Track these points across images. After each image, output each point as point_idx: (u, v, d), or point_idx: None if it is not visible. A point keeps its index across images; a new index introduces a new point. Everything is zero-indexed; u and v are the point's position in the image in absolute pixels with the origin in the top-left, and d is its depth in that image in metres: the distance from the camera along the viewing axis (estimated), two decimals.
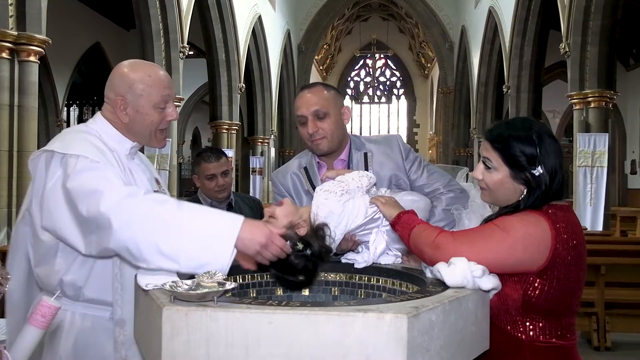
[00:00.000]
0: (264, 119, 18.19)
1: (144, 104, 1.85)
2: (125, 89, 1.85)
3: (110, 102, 1.89)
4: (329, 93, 2.20)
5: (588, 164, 9.63)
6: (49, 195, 1.69)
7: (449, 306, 1.32)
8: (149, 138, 1.93)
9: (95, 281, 1.77)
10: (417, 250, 1.67)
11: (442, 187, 2.22)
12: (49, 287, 1.79)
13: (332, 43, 29.16)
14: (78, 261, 1.75)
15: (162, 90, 1.88)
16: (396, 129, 32.22)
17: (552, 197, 1.60)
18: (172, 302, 1.28)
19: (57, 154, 1.72)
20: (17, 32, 6.28)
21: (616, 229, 10.51)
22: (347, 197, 1.83)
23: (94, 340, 1.80)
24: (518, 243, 1.53)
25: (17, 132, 6.45)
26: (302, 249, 1.69)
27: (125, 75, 1.87)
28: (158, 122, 1.90)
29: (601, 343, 5.18)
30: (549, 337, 1.58)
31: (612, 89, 9.72)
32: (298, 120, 2.21)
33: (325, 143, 2.18)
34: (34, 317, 1.20)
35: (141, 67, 1.90)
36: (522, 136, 1.60)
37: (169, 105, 1.91)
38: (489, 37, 16.05)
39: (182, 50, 10.97)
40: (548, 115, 20.90)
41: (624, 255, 5.84)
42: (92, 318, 1.81)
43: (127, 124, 1.88)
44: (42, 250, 1.78)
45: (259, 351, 1.20)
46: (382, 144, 2.29)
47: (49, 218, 1.69)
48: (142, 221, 1.51)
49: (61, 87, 17.04)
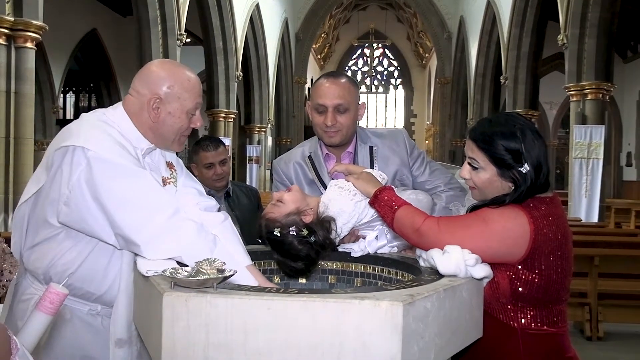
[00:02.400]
0: (261, 108, 18.15)
1: (178, 107, 1.81)
2: (163, 89, 1.79)
3: (141, 98, 1.82)
4: (353, 87, 2.19)
5: (584, 155, 9.67)
6: (76, 196, 1.67)
7: (443, 294, 1.35)
8: (172, 142, 1.89)
9: (84, 271, 1.76)
10: (401, 233, 1.70)
11: (443, 184, 2.25)
12: (37, 270, 1.78)
13: (330, 32, 29.03)
14: (75, 249, 1.75)
15: (197, 97, 1.85)
16: (393, 119, 32.22)
17: (537, 190, 1.62)
18: (172, 289, 1.30)
19: (79, 149, 1.67)
20: (13, 18, 6.25)
21: (611, 221, 10.56)
22: (359, 198, 1.84)
23: (72, 333, 1.78)
24: (495, 236, 1.56)
25: (14, 118, 6.44)
26: (306, 235, 1.71)
27: (163, 75, 1.81)
28: (185, 128, 1.87)
29: (593, 333, 5.24)
30: (540, 325, 1.61)
31: (609, 81, 9.75)
32: (315, 108, 2.17)
33: (339, 137, 2.18)
34: (42, 303, 1.23)
35: (180, 70, 1.86)
36: (506, 132, 1.61)
37: (197, 113, 1.89)
38: (487, 28, 16.02)
39: (179, 38, 10.92)
40: (545, 106, 20.93)
41: (617, 247, 5.91)
42: (71, 310, 1.79)
43: (154, 125, 1.82)
44: (44, 234, 1.77)
45: (258, 337, 1.23)
46: (387, 139, 2.29)
47: (79, 219, 1.68)
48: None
49: (57, 73, 16.95)
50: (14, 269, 1.00)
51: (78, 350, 1.79)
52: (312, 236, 1.73)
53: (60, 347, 1.78)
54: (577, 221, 8.91)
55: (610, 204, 11.54)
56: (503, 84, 13.96)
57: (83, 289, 1.78)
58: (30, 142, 6.74)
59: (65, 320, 1.78)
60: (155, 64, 1.88)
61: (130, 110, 1.84)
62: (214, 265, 1.35)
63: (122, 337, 1.75)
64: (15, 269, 1.00)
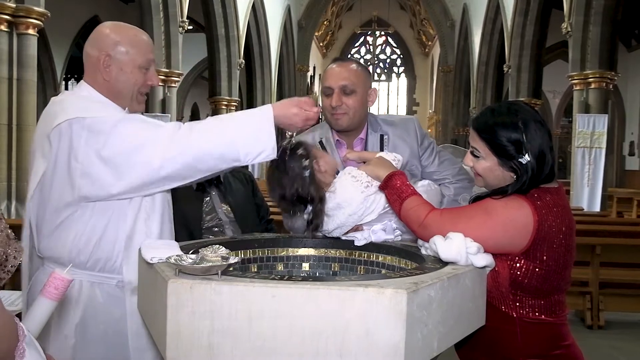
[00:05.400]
0: (263, 95, 18.10)
1: (129, 62, 1.86)
2: (111, 46, 1.84)
3: (92, 60, 1.87)
4: (360, 71, 2.19)
5: (587, 144, 9.65)
6: (88, 165, 1.70)
7: (447, 282, 1.35)
8: (130, 99, 1.91)
9: (105, 250, 1.79)
10: (406, 224, 1.72)
11: (451, 176, 2.25)
12: (58, 256, 1.79)
13: (333, 19, 28.87)
14: (91, 223, 1.77)
15: (147, 53, 1.90)
16: (396, 107, 32.12)
17: (543, 180, 1.62)
18: (177, 276, 1.31)
19: (74, 120, 1.71)
20: (15, 5, 6.23)
21: (613, 210, 10.58)
22: (371, 191, 1.83)
23: (103, 309, 1.82)
24: (498, 226, 1.57)
25: (17, 105, 6.44)
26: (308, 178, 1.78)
27: (110, 33, 1.87)
28: (141, 83, 1.90)
29: (594, 322, 5.26)
30: (538, 314, 1.62)
31: (613, 70, 9.70)
32: (323, 92, 2.19)
33: (346, 119, 2.17)
34: (47, 289, 1.23)
35: (126, 28, 1.91)
36: (508, 123, 1.61)
37: (151, 69, 1.93)
38: (490, 16, 15.91)
39: (181, 25, 10.89)
40: (548, 95, 20.84)
41: (619, 236, 5.92)
42: (100, 286, 1.82)
43: (109, 83, 1.86)
44: (60, 218, 1.77)
45: (262, 323, 1.24)
46: (398, 127, 2.27)
47: (97, 186, 1.71)
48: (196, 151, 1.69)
49: (59, 60, 16.91)
50: (18, 255, 1.01)
51: (110, 326, 1.82)
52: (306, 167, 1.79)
53: (94, 327, 1.81)
54: (579, 210, 8.91)
55: (612, 193, 11.54)
56: (506, 72, 13.90)
57: (109, 262, 1.80)
58: (33, 129, 6.72)
59: (94, 297, 1.81)
60: (103, 25, 1.93)
61: (89, 79, 1.89)
62: (219, 253, 1.36)
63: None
64: (20, 255, 1.01)
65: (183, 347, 1.27)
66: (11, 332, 0.97)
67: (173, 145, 1.68)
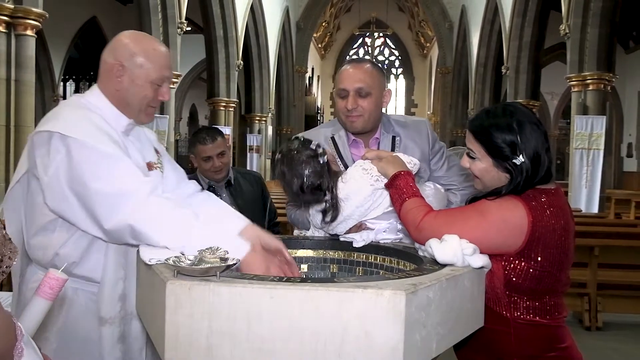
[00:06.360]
0: (261, 97, 18.10)
1: (141, 76, 1.81)
2: (126, 56, 1.80)
3: (106, 67, 1.83)
4: (376, 72, 2.16)
5: (585, 146, 9.66)
6: (54, 183, 1.66)
7: (445, 284, 1.35)
8: (138, 112, 1.87)
9: (90, 257, 1.77)
10: (403, 224, 1.74)
11: (458, 183, 2.25)
12: (43, 259, 1.79)
13: (331, 21, 28.89)
14: (76, 235, 1.75)
15: (162, 69, 1.85)
16: (394, 108, 32.12)
17: (539, 181, 1.62)
18: (175, 277, 1.30)
19: (56, 135, 1.67)
20: (13, 6, 6.21)
21: (611, 212, 10.58)
22: (380, 185, 1.83)
23: (84, 316, 1.80)
24: (492, 227, 1.57)
25: (14, 106, 6.43)
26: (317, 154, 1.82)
27: (128, 43, 1.82)
28: (151, 98, 1.86)
29: (592, 323, 5.27)
30: (532, 316, 1.62)
31: (611, 72, 9.71)
32: (337, 93, 2.15)
33: (361, 122, 2.14)
34: (42, 289, 1.23)
35: (147, 40, 1.87)
36: (503, 124, 1.61)
37: (164, 85, 1.88)
38: (489, 18, 15.92)
39: (179, 26, 10.88)
40: (546, 96, 20.87)
41: (617, 237, 5.93)
42: (83, 293, 1.80)
43: (119, 92, 1.82)
44: (41, 222, 1.77)
45: (261, 325, 1.24)
46: (410, 129, 2.25)
47: (58, 206, 1.69)
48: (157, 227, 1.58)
49: (57, 61, 16.89)
50: (13, 255, 1.00)
51: (91, 332, 1.80)
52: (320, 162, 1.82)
53: (75, 332, 1.80)
54: (577, 211, 8.92)
55: (610, 194, 11.55)
56: (504, 74, 13.91)
57: (90, 276, 1.79)
58: (31, 130, 6.66)
59: (78, 303, 1.80)
60: (124, 34, 1.89)
61: (101, 85, 1.86)
62: (217, 254, 1.36)
63: (104, 315, 1.77)
64: (15, 255, 1.00)
65: (181, 349, 1.27)
66: (9, 332, 0.97)
67: (143, 207, 1.60)
